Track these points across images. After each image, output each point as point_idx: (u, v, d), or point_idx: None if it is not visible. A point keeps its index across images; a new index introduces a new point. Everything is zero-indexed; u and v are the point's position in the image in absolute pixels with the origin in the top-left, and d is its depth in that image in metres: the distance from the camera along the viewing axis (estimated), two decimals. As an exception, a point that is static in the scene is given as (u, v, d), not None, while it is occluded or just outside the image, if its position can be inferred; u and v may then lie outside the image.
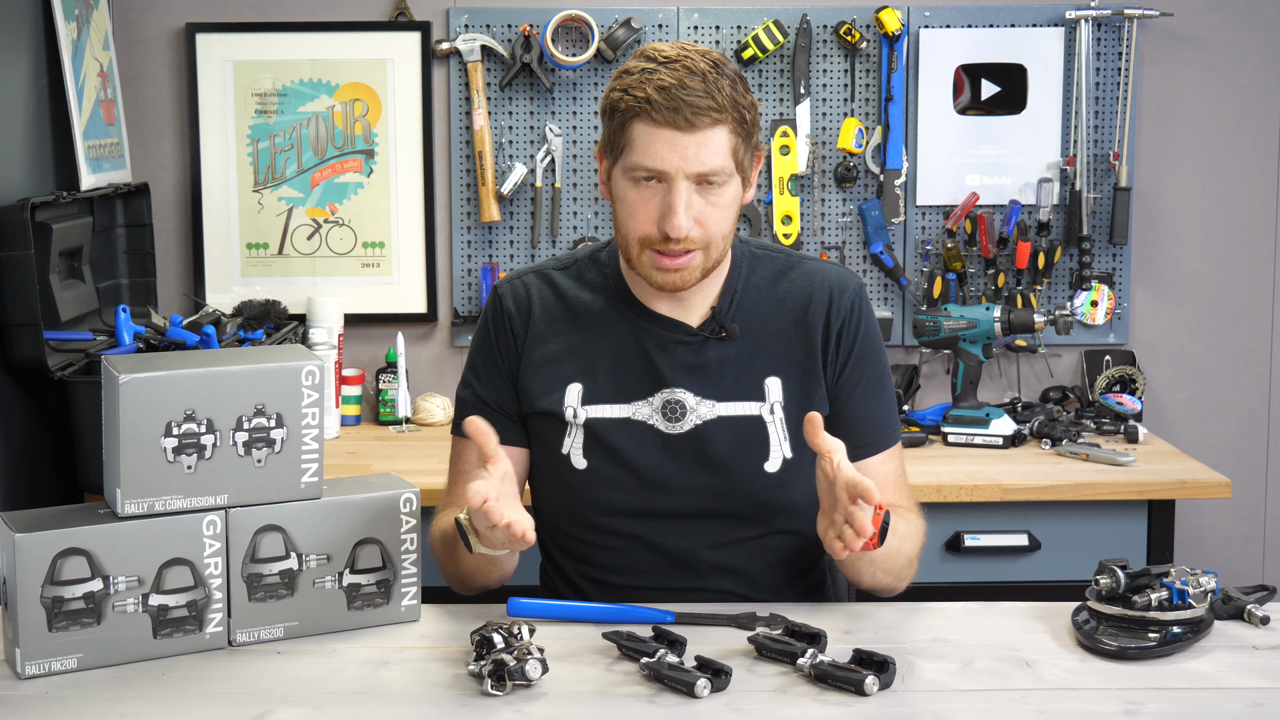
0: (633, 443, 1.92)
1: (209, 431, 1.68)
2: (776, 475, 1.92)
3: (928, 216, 3.38)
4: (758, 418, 1.92)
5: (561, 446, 1.94)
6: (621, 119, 1.83)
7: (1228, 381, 3.46)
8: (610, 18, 3.31)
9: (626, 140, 1.83)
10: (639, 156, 1.82)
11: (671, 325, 1.94)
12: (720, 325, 1.93)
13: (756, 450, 1.92)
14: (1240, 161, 3.41)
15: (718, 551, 1.94)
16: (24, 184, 2.77)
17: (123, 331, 2.80)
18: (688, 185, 1.82)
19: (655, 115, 1.79)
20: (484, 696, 1.57)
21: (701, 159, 1.80)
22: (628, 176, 1.84)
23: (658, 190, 1.83)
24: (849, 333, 1.95)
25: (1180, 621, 1.70)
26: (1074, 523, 2.83)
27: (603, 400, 1.93)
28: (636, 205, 1.84)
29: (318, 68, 3.33)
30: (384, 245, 3.37)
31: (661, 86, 1.79)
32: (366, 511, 1.77)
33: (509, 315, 1.98)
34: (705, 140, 1.80)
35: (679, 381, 1.92)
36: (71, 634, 1.64)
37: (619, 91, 1.84)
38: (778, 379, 1.93)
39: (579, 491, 1.94)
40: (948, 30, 3.33)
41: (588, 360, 1.95)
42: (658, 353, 1.93)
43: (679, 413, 1.92)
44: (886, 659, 1.59)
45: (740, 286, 1.96)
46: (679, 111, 1.78)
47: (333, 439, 3.18)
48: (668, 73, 1.80)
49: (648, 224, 1.84)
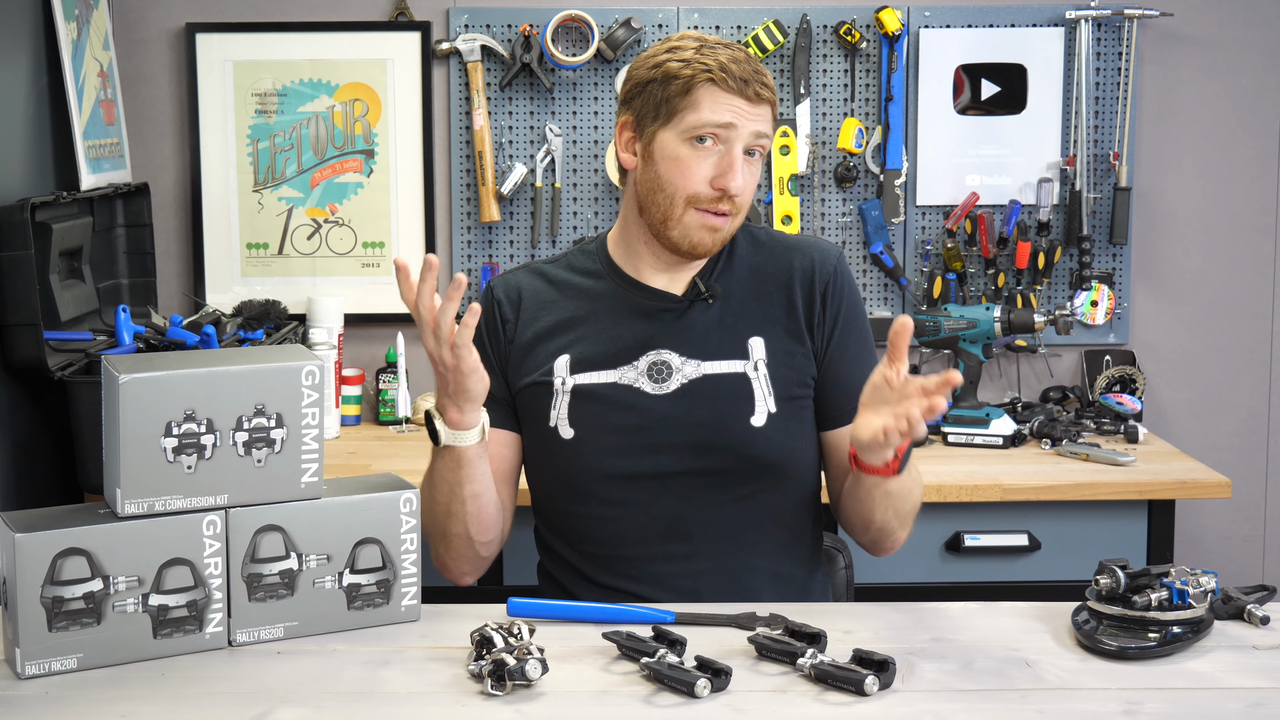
0: (619, 406, 1.97)
1: (209, 431, 1.68)
2: (763, 430, 1.96)
3: (928, 216, 3.39)
4: (742, 374, 1.98)
5: (549, 419, 1.99)
6: (685, 84, 1.93)
7: (1228, 381, 3.46)
8: (610, 18, 3.31)
9: (690, 103, 1.92)
10: (708, 114, 1.91)
11: (659, 295, 2.02)
12: (702, 288, 2.00)
13: (742, 406, 1.96)
14: (1240, 161, 3.41)
15: (709, 512, 1.97)
16: (24, 184, 2.77)
17: (123, 331, 2.80)
18: (741, 149, 1.93)
19: (730, 82, 1.91)
20: (484, 696, 1.57)
21: (759, 128, 1.94)
22: (687, 137, 1.93)
23: (713, 151, 1.93)
24: (834, 296, 2.02)
25: (1180, 621, 1.70)
26: (1074, 523, 2.83)
27: (590, 368, 1.99)
28: (691, 164, 1.93)
29: (318, 68, 3.33)
30: (384, 245, 3.37)
31: (733, 59, 1.92)
32: (366, 511, 1.77)
33: (499, 303, 2.06)
34: (761, 114, 1.94)
35: (665, 343, 1.99)
36: (71, 634, 1.64)
37: (678, 62, 1.93)
38: (760, 338, 2.00)
39: (569, 461, 1.98)
40: (948, 30, 3.33)
41: (576, 333, 2.01)
42: (644, 319, 2.00)
43: (665, 373, 1.98)
44: (886, 659, 1.59)
45: (722, 256, 2.04)
46: (749, 84, 1.92)
47: (333, 439, 3.18)
48: (729, 52, 1.94)
49: (699, 182, 1.93)
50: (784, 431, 1.97)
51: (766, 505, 1.99)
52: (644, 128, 1.97)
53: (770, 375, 1.98)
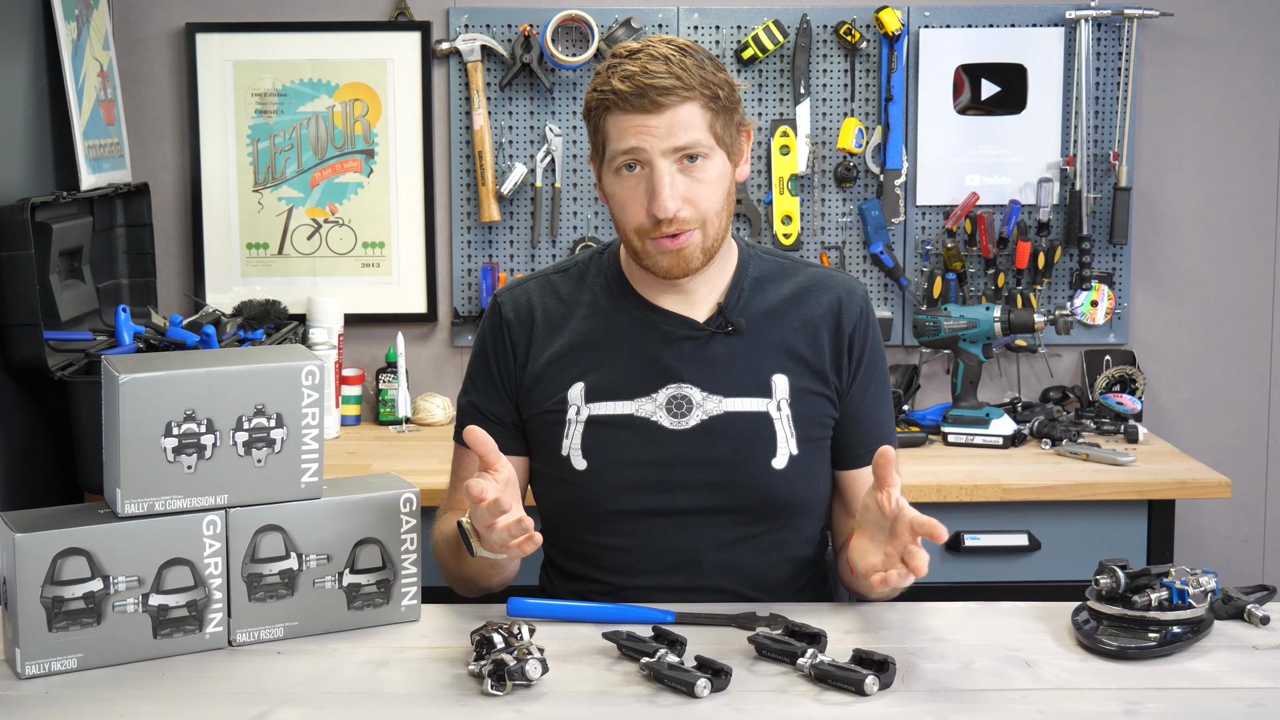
0: (635, 440, 1.91)
1: (209, 431, 1.68)
2: (784, 472, 1.91)
3: (928, 216, 3.38)
4: (765, 414, 1.92)
5: (561, 449, 1.93)
6: (596, 118, 1.89)
7: (1228, 381, 3.46)
8: (610, 18, 3.31)
9: (604, 136, 1.88)
10: (616, 144, 1.86)
11: (678, 321, 1.94)
12: (727, 319, 1.94)
13: (763, 447, 1.91)
14: (1240, 161, 3.41)
15: (722, 550, 1.93)
16: (24, 184, 2.77)
17: (123, 331, 2.80)
18: (668, 164, 1.84)
19: (623, 104, 1.84)
20: (484, 696, 1.57)
21: (674, 135, 1.83)
22: (612, 170, 1.88)
23: (641, 177, 1.86)
24: (860, 338, 1.97)
25: (1180, 621, 1.70)
26: (1074, 523, 2.83)
27: (607, 397, 1.92)
28: (625, 197, 1.88)
29: (318, 68, 3.33)
30: (384, 245, 3.37)
31: (625, 76, 1.83)
32: (366, 511, 1.77)
33: (508, 325, 1.99)
34: (675, 118, 1.83)
35: (686, 375, 1.92)
36: (71, 634, 1.64)
37: (591, 92, 1.89)
38: (784, 376, 1.93)
39: (580, 492, 1.94)
40: (948, 30, 3.33)
41: (592, 359, 1.94)
42: (664, 347, 1.93)
43: (685, 408, 1.91)
44: (886, 659, 1.59)
45: (747, 285, 1.97)
46: (644, 95, 1.82)
47: (333, 439, 3.18)
48: (630, 63, 1.85)
49: (639, 213, 1.87)
50: (804, 473, 1.93)
51: (780, 544, 1.96)
52: (596, 164, 1.94)
53: (793, 415, 1.92)
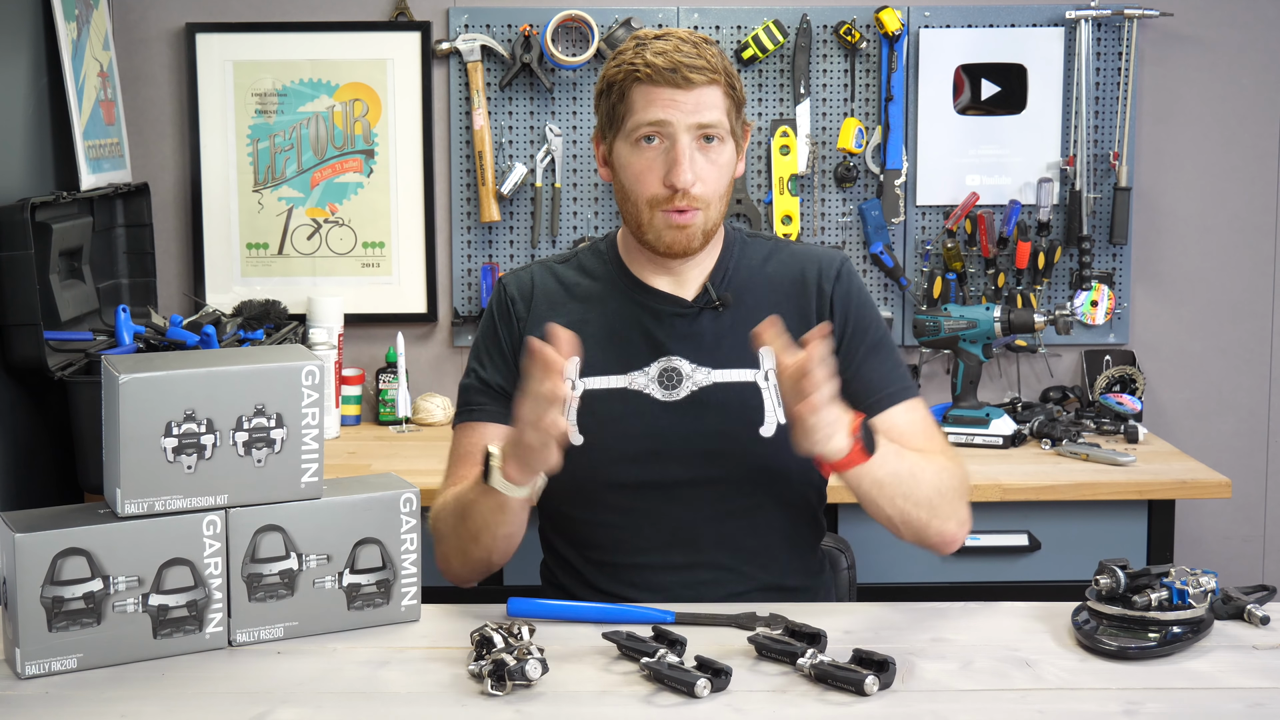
0: (630, 412, 1.97)
1: (209, 431, 1.68)
2: (772, 440, 1.95)
3: (928, 216, 3.38)
4: (752, 384, 1.97)
5: None
6: (621, 88, 1.95)
7: (1228, 381, 3.46)
8: (610, 18, 3.31)
9: (628, 107, 1.94)
10: (642, 114, 1.92)
11: (668, 300, 2.01)
12: (714, 295, 2.00)
13: (751, 416, 1.96)
14: (1240, 161, 3.41)
15: (717, 523, 1.96)
16: (24, 184, 2.77)
17: (123, 331, 2.80)
18: (689, 140, 1.92)
19: (655, 77, 1.91)
20: (484, 696, 1.57)
21: (700, 112, 1.91)
22: (630, 140, 1.94)
23: (660, 149, 1.93)
24: (841, 299, 2.02)
25: (1180, 621, 1.70)
26: (1074, 523, 2.83)
27: (600, 372, 1.98)
28: (641, 167, 1.94)
29: (318, 68, 3.33)
30: (384, 245, 3.37)
31: (659, 52, 1.92)
32: (366, 511, 1.77)
33: (512, 300, 2.06)
34: (701, 97, 1.92)
35: (676, 349, 1.98)
36: (71, 634, 1.64)
37: (615, 67, 1.96)
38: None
39: (576, 467, 1.95)
40: (948, 30, 3.33)
41: (586, 335, 1.97)
42: (655, 324, 2.00)
43: (675, 380, 1.97)
44: (886, 659, 1.59)
45: (732, 265, 2.04)
46: (677, 71, 1.90)
47: (333, 439, 3.18)
48: (662, 42, 1.94)
49: (654, 184, 1.93)
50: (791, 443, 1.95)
51: (772, 516, 1.98)
52: (606, 139, 2.00)
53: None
